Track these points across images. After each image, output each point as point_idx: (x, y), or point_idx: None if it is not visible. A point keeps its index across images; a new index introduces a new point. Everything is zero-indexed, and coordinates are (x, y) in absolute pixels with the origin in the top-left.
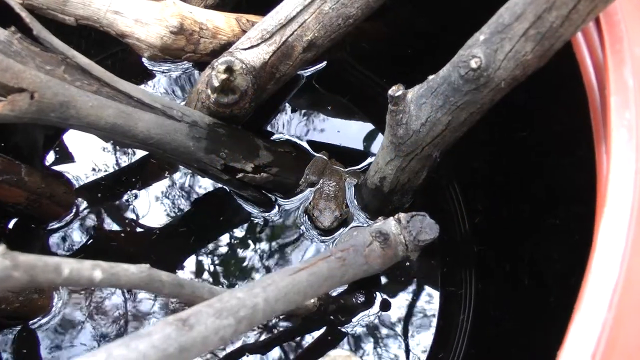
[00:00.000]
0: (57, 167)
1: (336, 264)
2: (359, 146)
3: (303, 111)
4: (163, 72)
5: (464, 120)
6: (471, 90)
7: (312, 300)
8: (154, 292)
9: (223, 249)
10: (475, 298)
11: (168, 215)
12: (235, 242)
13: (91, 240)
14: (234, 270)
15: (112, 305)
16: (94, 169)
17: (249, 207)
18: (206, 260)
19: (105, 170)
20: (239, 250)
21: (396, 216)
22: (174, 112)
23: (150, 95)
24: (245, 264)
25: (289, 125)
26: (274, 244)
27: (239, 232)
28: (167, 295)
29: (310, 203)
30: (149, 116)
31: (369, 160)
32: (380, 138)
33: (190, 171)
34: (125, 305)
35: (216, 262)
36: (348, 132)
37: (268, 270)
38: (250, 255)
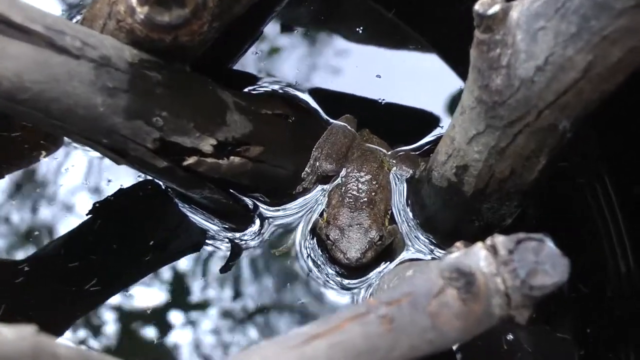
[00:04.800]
0: None
1: (378, 328)
2: (415, 104)
3: (307, 36)
4: None
5: (617, 61)
6: (631, 8)
7: None
8: None
9: (154, 300)
10: None
11: (45, 236)
12: (177, 288)
13: None
14: (176, 342)
15: None
16: None
17: (204, 222)
18: (122, 320)
19: None
20: (185, 304)
21: (489, 241)
22: (66, 40)
23: (24, 10)
24: (196, 330)
25: (279, 64)
26: (252, 292)
27: (185, 270)
28: None
29: (323, 215)
30: (20, 48)
31: (435, 133)
32: (456, 90)
33: (93, 152)
34: None
35: (142, 323)
36: (395, 77)
37: (236, 344)
38: (206, 312)
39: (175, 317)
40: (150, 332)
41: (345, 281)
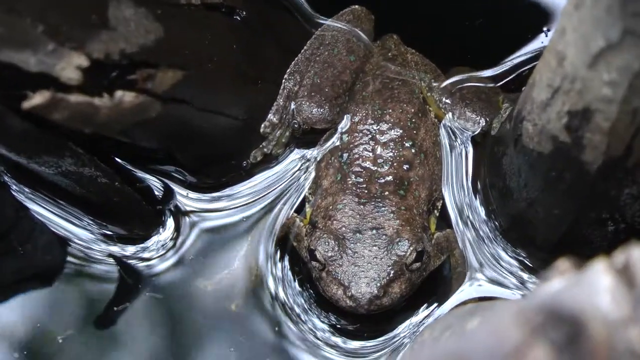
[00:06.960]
0: None
1: None
2: None
3: None
4: None
5: None
6: None
7: None
8: None
9: None
10: None
11: None
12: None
13: None
14: None
15: None
16: None
17: (64, 224)
18: None
19: None
20: None
21: (619, 258)
22: None
23: None
24: None
25: None
26: None
27: (27, 320)
28: None
29: (304, 210)
30: None
31: (528, 46)
32: None
33: None
34: None
35: None
36: None
37: None
38: None
39: None
40: None
41: (351, 343)
